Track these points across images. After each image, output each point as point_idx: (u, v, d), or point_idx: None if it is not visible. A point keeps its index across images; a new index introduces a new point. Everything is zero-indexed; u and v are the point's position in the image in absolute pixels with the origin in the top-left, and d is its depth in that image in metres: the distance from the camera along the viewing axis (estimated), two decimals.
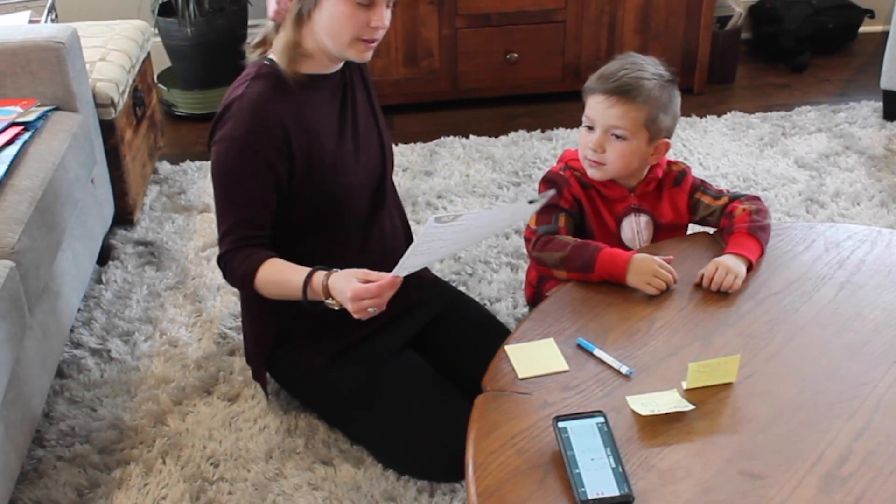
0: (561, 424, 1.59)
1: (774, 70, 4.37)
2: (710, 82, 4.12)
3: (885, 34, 3.78)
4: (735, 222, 2.07)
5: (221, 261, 2.05)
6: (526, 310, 2.72)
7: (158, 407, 2.35)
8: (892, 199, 3.21)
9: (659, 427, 1.62)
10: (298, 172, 2.02)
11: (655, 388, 1.70)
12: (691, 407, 1.63)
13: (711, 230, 2.20)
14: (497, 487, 1.50)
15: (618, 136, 2.06)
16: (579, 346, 1.80)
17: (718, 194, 2.17)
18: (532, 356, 1.78)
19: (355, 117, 2.13)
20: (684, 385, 1.70)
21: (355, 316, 1.83)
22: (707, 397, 1.68)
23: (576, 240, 2.04)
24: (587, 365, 1.77)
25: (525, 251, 2.95)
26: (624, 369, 1.73)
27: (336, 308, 1.90)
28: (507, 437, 1.60)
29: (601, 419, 1.60)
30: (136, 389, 2.42)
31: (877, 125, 3.74)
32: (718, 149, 3.59)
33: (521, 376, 1.75)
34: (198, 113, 3.95)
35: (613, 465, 1.52)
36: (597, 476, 1.50)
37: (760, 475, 1.52)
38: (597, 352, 1.78)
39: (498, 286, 2.81)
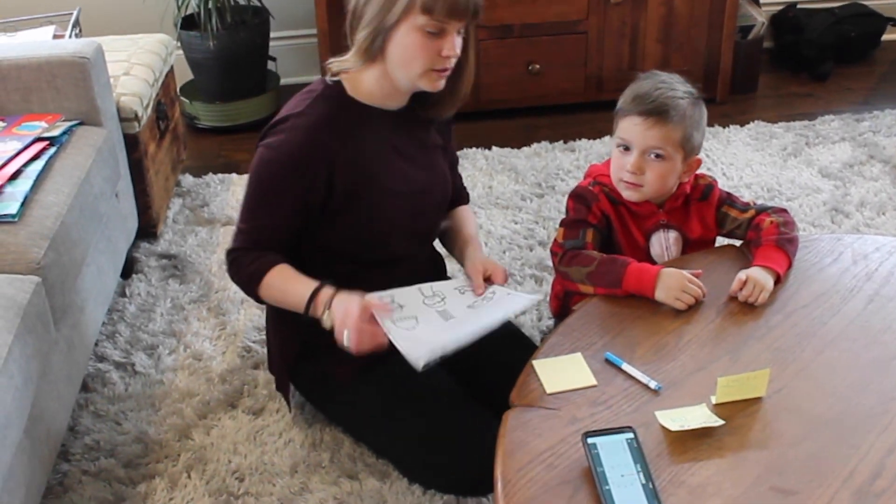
0: (590, 440, 1.57)
1: (797, 79, 4.35)
2: (733, 92, 4.10)
3: None
4: (763, 235, 2.06)
5: (231, 255, 2.09)
6: (551, 322, 2.71)
7: (183, 421, 2.36)
8: None
9: (689, 442, 1.60)
10: (335, 204, 2.02)
11: (684, 402, 1.69)
12: (721, 422, 1.62)
13: (738, 242, 2.18)
14: None
15: (657, 157, 2.05)
16: (607, 361, 1.79)
17: (745, 207, 2.16)
18: (560, 371, 1.77)
19: (414, 158, 2.12)
20: (713, 400, 1.68)
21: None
22: (736, 412, 1.66)
23: (602, 255, 2.03)
24: (615, 380, 1.76)
25: (549, 263, 2.95)
26: (653, 384, 1.72)
27: (328, 326, 1.94)
28: (536, 452, 1.59)
29: (631, 435, 1.59)
30: (160, 403, 2.42)
31: None
32: (742, 159, 3.57)
33: (549, 391, 1.73)
34: (220, 125, 3.97)
35: (644, 482, 1.50)
36: (627, 493, 1.48)
37: (791, 491, 1.51)
38: (625, 366, 1.77)
39: None
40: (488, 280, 2.08)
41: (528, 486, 1.52)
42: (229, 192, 3.43)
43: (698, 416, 1.64)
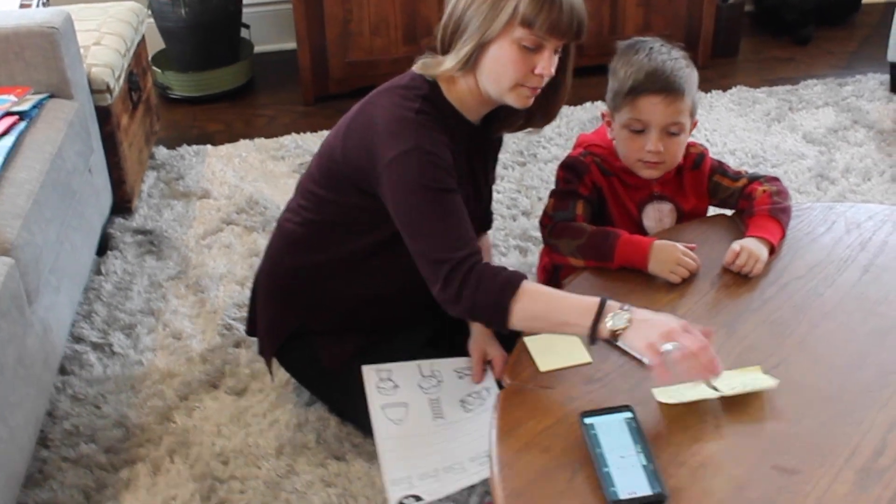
0: (587, 420, 1.53)
1: (778, 43, 4.30)
2: (714, 56, 4.05)
3: (890, 5, 3.74)
4: (755, 204, 2.02)
5: (459, 272, 1.74)
6: None
7: (164, 403, 2.30)
8: None
9: (688, 420, 1.56)
10: None
11: (681, 378, 1.64)
12: (719, 394, 1.58)
13: (729, 212, 2.14)
14: (524, 489, 1.45)
15: (674, 132, 1.99)
16: None
17: (736, 175, 2.12)
18: (552, 348, 1.73)
19: (474, 177, 2.03)
20: (712, 378, 1.64)
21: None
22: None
23: (592, 227, 1.98)
24: (610, 356, 1.71)
25: (534, 233, 2.91)
26: (646, 360, 1.67)
27: (616, 328, 1.64)
28: (532, 434, 1.55)
29: (630, 414, 1.55)
30: (140, 385, 2.36)
31: (884, 98, 3.68)
32: (725, 125, 3.53)
33: (542, 370, 1.69)
34: (193, 95, 3.88)
35: (644, 463, 1.46)
36: (627, 475, 1.44)
37: (795, 470, 1.48)
38: (619, 342, 1.72)
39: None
40: (488, 364, 2.01)
41: (525, 470, 1.48)
42: (204, 165, 3.35)
43: (696, 393, 1.60)
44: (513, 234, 2.93)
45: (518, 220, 3.00)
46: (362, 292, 2.04)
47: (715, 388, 1.58)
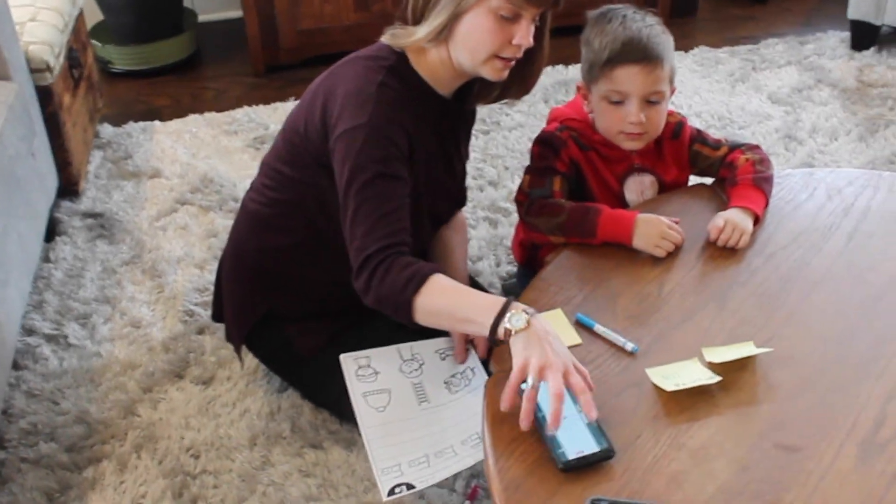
0: (524, 386, 1.49)
1: (736, 1, 4.25)
2: (673, 16, 4.00)
3: None
4: (738, 174, 1.96)
5: (371, 262, 1.68)
6: (511, 268, 2.60)
7: (127, 396, 2.20)
8: (869, 132, 3.13)
9: (684, 401, 1.51)
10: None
11: (674, 357, 1.59)
12: (717, 378, 1.53)
13: (709, 180, 2.09)
14: (522, 480, 1.38)
15: (654, 101, 1.92)
16: (578, 323, 1.68)
17: (717, 144, 2.06)
18: None
19: (446, 150, 1.94)
20: (705, 354, 1.59)
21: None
22: (729, 366, 1.57)
23: (571, 203, 1.91)
24: (600, 337, 1.65)
25: (502, 204, 2.84)
26: (629, 346, 1.61)
27: (521, 327, 1.54)
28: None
29: None
30: (100, 378, 2.25)
31: (846, 56, 3.65)
32: (689, 86, 3.48)
33: None
34: (136, 69, 3.74)
35: (587, 421, 1.44)
36: (572, 435, 1.43)
37: (796, 447, 1.43)
38: (597, 328, 1.66)
39: (478, 243, 2.69)
40: (470, 343, 1.93)
41: (521, 460, 1.42)
42: (153, 142, 3.22)
43: (692, 374, 1.55)
44: (481, 205, 2.85)
45: (485, 190, 2.93)
46: (334, 275, 1.96)
47: (714, 373, 1.53)
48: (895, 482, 1.37)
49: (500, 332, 1.56)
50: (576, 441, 1.42)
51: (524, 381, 1.48)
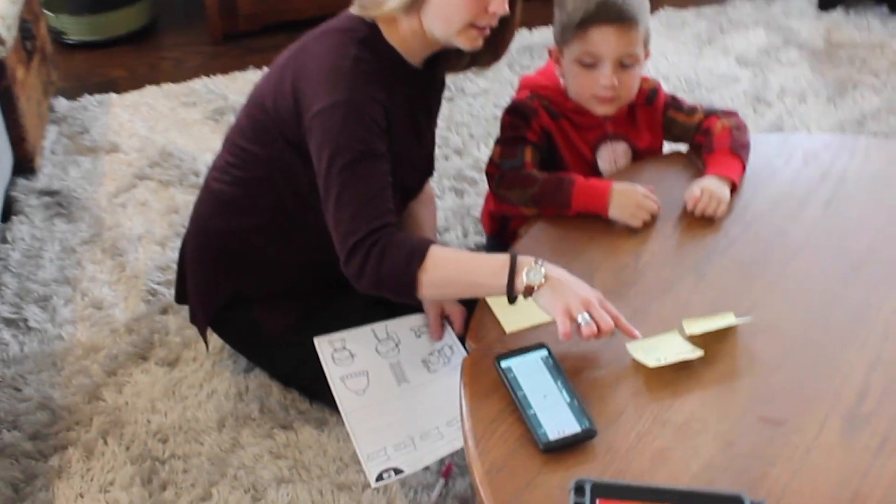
0: (504, 364, 1.48)
1: None
2: None
3: None
4: (715, 140, 1.92)
5: (363, 245, 1.62)
6: (479, 239, 2.56)
7: (91, 380, 2.13)
8: (838, 94, 3.11)
9: (666, 376, 1.48)
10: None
11: (654, 330, 1.56)
12: (700, 353, 1.50)
13: (684, 147, 2.05)
14: (503, 462, 1.35)
15: (628, 64, 1.87)
16: None
17: (692, 110, 2.01)
18: (517, 307, 1.61)
19: (416, 121, 1.88)
20: (686, 327, 1.55)
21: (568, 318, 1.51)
22: (711, 339, 1.54)
23: (544, 174, 1.86)
24: None
25: (469, 173, 2.79)
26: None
27: (532, 285, 1.54)
28: (505, 402, 1.44)
29: (545, 352, 1.50)
30: (62, 362, 2.18)
31: (813, 16, 3.63)
32: (656, 49, 3.37)
33: (508, 331, 1.58)
34: (91, 40, 3.62)
35: (568, 400, 1.42)
36: (554, 414, 1.40)
37: (781, 421, 1.41)
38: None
39: (445, 214, 2.64)
40: (446, 319, 1.89)
41: (501, 442, 1.38)
42: (109, 115, 3.13)
43: (674, 348, 1.51)
44: (446, 175, 2.80)
45: (451, 159, 2.88)
46: (302, 255, 1.91)
47: (695, 346, 1.50)
48: (880, 454, 1.35)
49: (519, 289, 1.54)
50: (557, 420, 1.38)
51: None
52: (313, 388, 1.99)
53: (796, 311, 1.61)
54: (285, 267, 1.93)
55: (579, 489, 1.26)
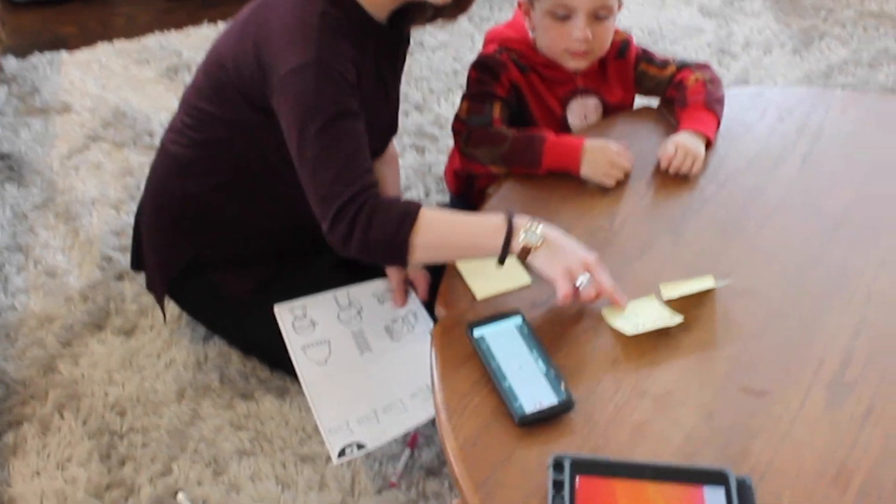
0: (477, 333, 1.42)
1: None
2: None
3: None
4: (689, 94, 1.86)
5: (348, 210, 1.53)
6: (440, 197, 2.49)
7: (45, 352, 2.05)
8: (804, 45, 3.06)
9: (644, 343, 1.43)
10: None
11: (630, 294, 1.49)
12: (680, 319, 1.44)
13: (655, 102, 1.99)
14: (477, 437, 1.29)
15: (602, 17, 1.80)
16: None
17: (664, 63, 1.95)
18: (488, 271, 1.55)
19: (383, 79, 1.80)
20: (662, 292, 1.50)
21: (568, 285, 1.45)
22: (689, 304, 1.49)
23: (514, 131, 1.80)
24: None
25: (429, 130, 2.72)
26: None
27: (529, 245, 1.49)
28: (478, 373, 1.38)
29: (519, 319, 1.44)
30: (15, 333, 2.10)
31: None
32: None
33: (479, 297, 1.52)
34: None
35: (545, 370, 1.36)
36: (530, 386, 1.34)
37: (763, 391, 1.36)
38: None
39: (405, 172, 2.57)
40: (409, 285, 1.82)
41: (475, 415, 1.32)
42: (61, 74, 3.01)
43: (652, 314, 1.46)
44: (407, 131, 2.73)
45: (411, 115, 2.80)
46: (261, 220, 1.83)
47: (674, 312, 1.45)
48: (866, 425, 1.31)
49: (516, 250, 1.49)
50: (533, 392, 1.33)
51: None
52: (274, 356, 1.92)
53: (775, 273, 1.56)
54: (244, 230, 1.85)
55: (558, 465, 1.21)
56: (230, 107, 1.70)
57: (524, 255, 1.49)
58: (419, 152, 2.66)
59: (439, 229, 1.54)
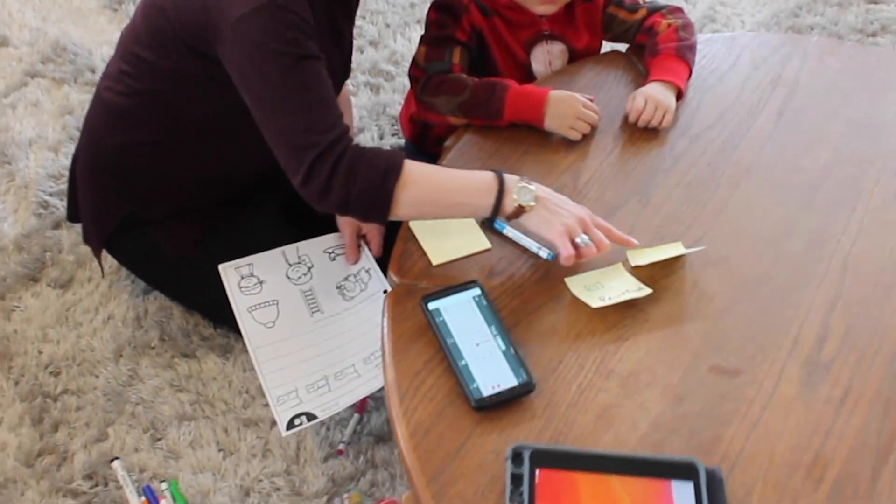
0: (431, 306, 1.31)
1: None
2: None
3: None
4: (660, 41, 1.74)
5: (326, 160, 1.40)
6: (395, 140, 2.38)
7: None
8: None
9: (609, 316, 1.34)
10: None
11: (596, 262, 1.40)
12: (648, 291, 1.35)
13: (624, 47, 1.87)
14: (431, 423, 1.20)
15: None
16: (486, 223, 1.48)
17: (634, 6, 1.82)
18: (444, 234, 1.45)
19: (335, 21, 1.65)
20: (630, 259, 1.40)
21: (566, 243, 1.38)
22: (658, 273, 1.40)
23: (475, 79, 1.68)
24: (511, 241, 1.45)
25: (385, 67, 2.59)
26: (544, 253, 1.42)
27: (520, 204, 1.40)
28: (433, 349, 1.28)
29: (478, 291, 1.34)
30: None
31: None
32: None
33: (435, 263, 1.42)
34: None
35: (504, 348, 1.27)
36: (487, 366, 1.25)
37: (735, 371, 1.28)
38: (507, 231, 1.45)
39: (359, 112, 2.44)
40: (363, 239, 1.71)
41: (428, 400, 1.23)
42: None
43: (619, 285, 1.37)
44: (361, 68, 2.59)
45: (365, 51, 2.66)
46: (202, 173, 1.71)
47: (645, 285, 1.36)
48: (842, 409, 1.24)
49: (507, 210, 1.41)
50: (491, 373, 1.24)
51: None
52: (217, 314, 1.82)
53: (748, 239, 1.47)
54: (184, 183, 1.73)
55: (517, 457, 1.12)
56: (170, 55, 1.55)
57: (516, 214, 1.40)
58: (374, 91, 2.53)
59: (426, 184, 1.43)
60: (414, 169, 1.42)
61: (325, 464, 1.71)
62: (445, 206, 1.44)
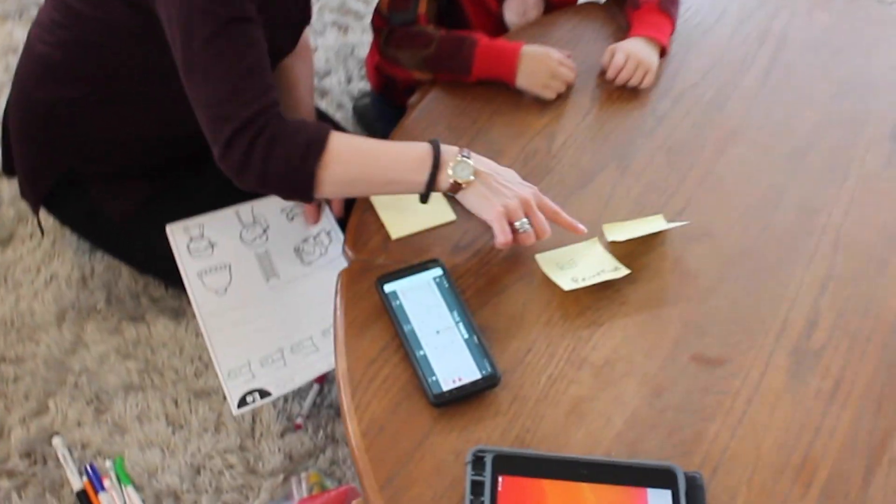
0: (388, 288, 1.21)
1: None
2: None
3: None
4: None
5: (246, 133, 1.28)
6: (363, 85, 2.24)
7: None
8: None
9: (583, 298, 1.23)
10: None
11: (570, 237, 1.29)
12: (626, 271, 1.25)
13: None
14: (385, 420, 1.09)
15: None
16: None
17: None
18: (405, 204, 1.33)
19: None
20: (607, 234, 1.30)
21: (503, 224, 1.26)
22: (636, 250, 1.29)
23: (441, 31, 1.55)
24: None
25: (353, 6, 2.45)
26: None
27: (459, 180, 1.27)
28: (389, 335, 1.17)
29: (439, 271, 1.23)
30: None
31: None
32: None
33: (394, 236, 1.31)
34: None
35: (466, 336, 1.16)
36: (448, 356, 1.14)
37: (718, 360, 1.19)
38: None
39: (325, 54, 2.31)
40: (324, 199, 1.58)
41: (382, 393, 1.12)
42: None
43: (595, 264, 1.26)
44: (328, 6, 2.45)
45: None
46: (143, 133, 1.57)
47: (622, 265, 1.26)
48: (833, 403, 1.15)
49: (443, 187, 1.28)
50: (452, 364, 1.13)
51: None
52: (163, 272, 1.70)
53: (734, 210, 1.37)
54: (125, 143, 1.59)
55: (478, 462, 1.02)
56: (102, 6, 1.41)
57: (454, 191, 1.28)
58: (341, 31, 2.39)
59: (352, 162, 1.30)
60: (339, 144, 1.30)
61: (281, 439, 1.62)
62: (374, 184, 1.32)
